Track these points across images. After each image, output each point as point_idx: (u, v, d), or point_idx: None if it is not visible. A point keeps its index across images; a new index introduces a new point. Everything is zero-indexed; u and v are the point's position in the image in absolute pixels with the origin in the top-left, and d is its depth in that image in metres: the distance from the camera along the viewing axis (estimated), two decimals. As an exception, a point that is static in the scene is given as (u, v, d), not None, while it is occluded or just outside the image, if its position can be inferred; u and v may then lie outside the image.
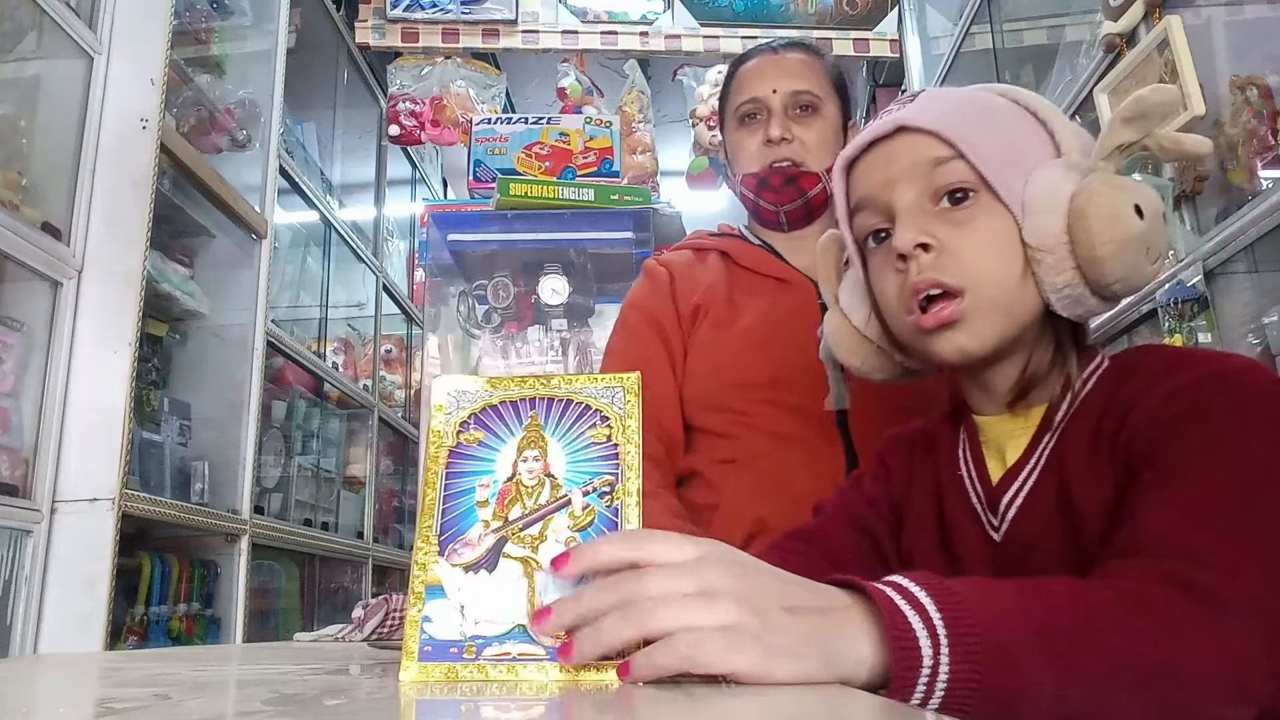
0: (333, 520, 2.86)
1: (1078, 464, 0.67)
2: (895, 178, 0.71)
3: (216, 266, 2.28)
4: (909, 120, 0.70)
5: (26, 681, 0.59)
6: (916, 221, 0.69)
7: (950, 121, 0.69)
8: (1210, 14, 1.69)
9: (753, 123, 1.20)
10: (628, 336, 1.21)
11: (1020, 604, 0.51)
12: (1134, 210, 0.65)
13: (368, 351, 3.37)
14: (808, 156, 1.17)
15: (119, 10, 1.86)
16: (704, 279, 1.21)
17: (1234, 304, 1.55)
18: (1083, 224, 0.65)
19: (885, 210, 0.71)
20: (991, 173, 0.68)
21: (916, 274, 0.68)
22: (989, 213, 0.68)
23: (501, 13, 2.96)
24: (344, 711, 0.38)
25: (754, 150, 1.19)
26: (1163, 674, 0.50)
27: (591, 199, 2.20)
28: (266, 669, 0.61)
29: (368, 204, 3.44)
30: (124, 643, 1.81)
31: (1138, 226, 0.64)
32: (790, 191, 1.18)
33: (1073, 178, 0.67)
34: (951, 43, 2.75)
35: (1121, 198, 0.65)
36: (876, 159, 0.73)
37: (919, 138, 0.70)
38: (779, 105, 1.18)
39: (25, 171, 1.73)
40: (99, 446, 1.67)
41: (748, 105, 1.20)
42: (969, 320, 0.67)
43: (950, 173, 0.68)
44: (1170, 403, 0.63)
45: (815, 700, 0.42)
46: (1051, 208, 0.66)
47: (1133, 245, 0.65)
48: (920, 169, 0.69)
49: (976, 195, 0.68)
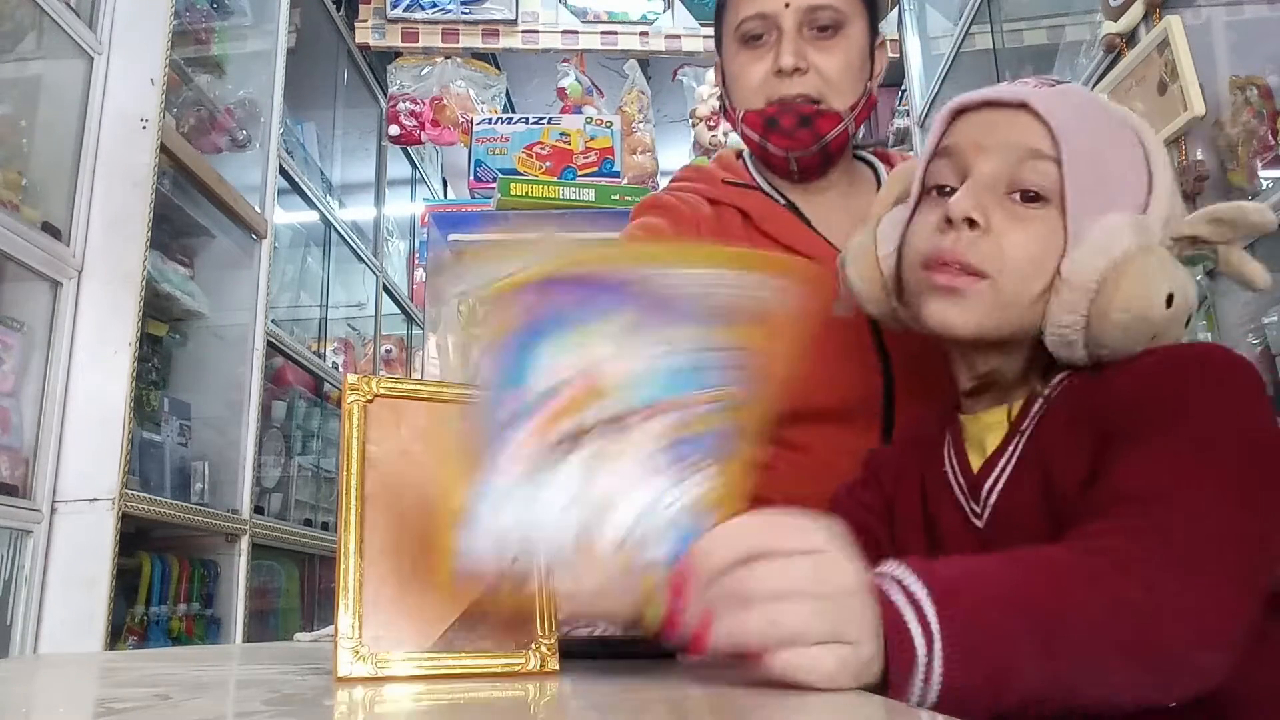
0: (333, 520, 2.86)
1: (1055, 442, 0.68)
2: (988, 146, 0.70)
3: (216, 266, 2.28)
4: (1035, 102, 0.69)
5: (26, 681, 0.58)
6: (980, 196, 0.68)
7: (1072, 126, 0.68)
8: (1210, 14, 1.69)
9: (758, 45, 0.97)
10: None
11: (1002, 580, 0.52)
12: (1165, 298, 0.65)
13: (368, 351, 3.37)
14: (827, 90, 0.95)
15: (119, 10, 1.86)
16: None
17: (1234, 304, 1.55)
18: (1116, 280, 0.65)
19: (962, 170, 0.71)
20: (1075, 194, 0.67)
21: (953, 243, 0.68)
22: (1048, 224, 0.68)
23: (501, 13, 2.96)
24: (344, 712, 0.38)
25: (759, 80, 0.97)
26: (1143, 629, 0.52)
27: (592, 199, 2.20)
28: (266, 669, 0.61)
29: (368, 204, 3.43)
30: (124, 643, 1.81)
31: (1159, 314, 0.65)
32: (804, 135, 0.96)
33: (1136, 239, 0.67)
34: (951, 43, 2.75)
35: (1162, 281, 0.65)
36: (982, 120, 0.72)
37: (1032, 122, 0.69)
38: (792, 24, 0.95)
39: (25, 171, 1.73)
40: (99, 446, 1.67)
41: (752, 23, 0.96)
42: (974, 302, 0.68)
43: (1039, 172, 0.68)
44: (1144, 377, 0.64)
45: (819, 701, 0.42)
46: (1103, 251, 0.66)
47: (1143, 325, 0.65)
48: (1014, 152, 0.69)
49: (1047, 205, 0.68)
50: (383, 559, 0.53)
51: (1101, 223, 0.67)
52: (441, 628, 0.53)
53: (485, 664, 0.53)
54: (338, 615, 0.50)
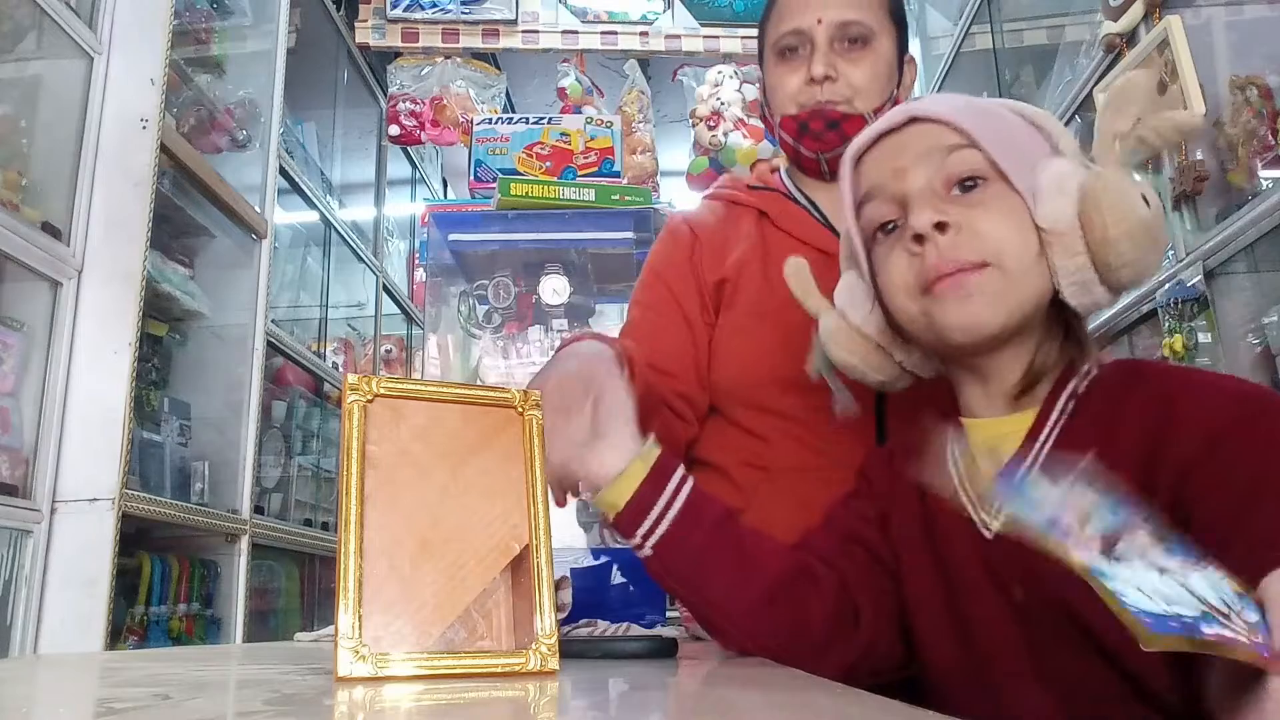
0: (333, 520, 2.86)
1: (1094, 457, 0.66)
2: (907, 165, 0.71)
3: (216, 266, 2.28)
4: (921, 111, 0.71)
5: (26, 681, 0.58)
6: (931, 204, 0.69)
7: (960, 114, 0.71)
8: (1210, 14, 1.69)
9: (793, 57, 1.07)
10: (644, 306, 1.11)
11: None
12: (1142, 198, 0.66)
13: (368, 351, 3.37)
14: (855, 97, 1.04)
15: (119, 10, 1.86)
16: (733, 248, 1.10)
17: (1234, 304, 1.55)
18: (1095, 207, 0.66)
19: (896, 199, 0.72)
20: (1004, 160, 0.69)
21: (935, 256, 0.68)
22: (1001, 197, 0.69)
23: (501, 13, 2.96)
24: (344, 712, 0.38)
25: (794, 89, 1.06)
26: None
27: (592, 199, 2.20)
28: (266, 669, 0.61)
29: (368, 204, 3.44)
30: (124, 643, 1.81)
31: (1146, 212, 0.66)
32: (832, 137, 1.05)
33: (1080, 170, 0.69)
34: (951, 43, 2.75)
35: (1128, 185, 0.66)
36: (887, 149, 0.73)
37: (931, 127, 0.71)
38: (824, 38, 1.04)
39: (25, 171, 1.73)
40: (99, 446, 1.67)
41: (789, 38, 1.06)
42: (989, 290, 0.68)
43: (963, 160, 0.70)
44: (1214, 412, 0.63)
45: (820, 701, 0.42)
46: (1063, 190, 0.67)
47: (1143, 230, 0.66)
48: (934, 156, 0.70)
49: (987, 183, 0.69)
50: (383, 559, 0.53)
51: (1044, 172, 0.69)
52: (441, 627, 0.53)
53: (485, 664, 0.53)
54: (338, 615, 0.50)
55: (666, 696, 0.43)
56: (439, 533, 0.55)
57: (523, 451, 0.59)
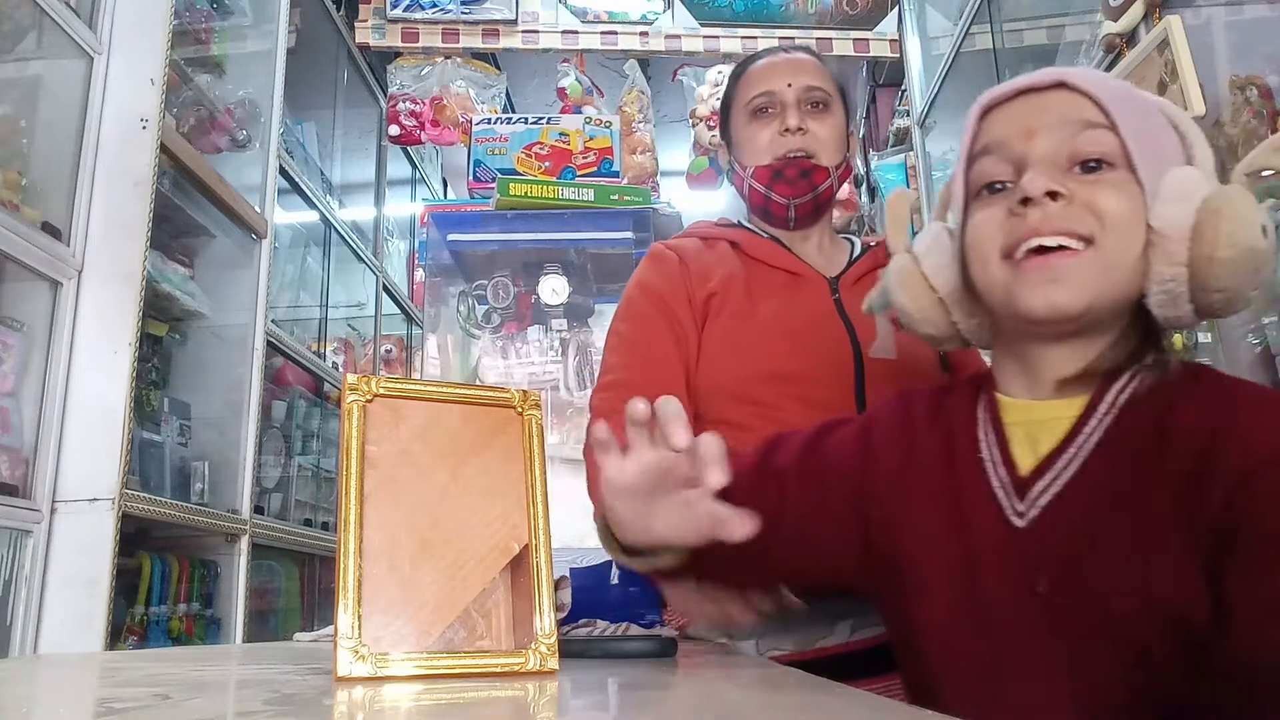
0: (333, 520, 2.86)
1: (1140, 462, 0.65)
2: (1038, 127, 0.69)
3: (216, 266, 2.28)
4: (1070, 77, 0.69)
5: (26, 681, 0.58)
6: (1049, 172, 0.67)
7: (1107, 93, 0.68)
8: (1210, 14, 1.69)
9: (765, 116, 1.18)
10: (633, 320, 1.16)
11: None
12: (1262, 228, 0.64)
13: (368, 351, 3.37)
14: (820, 150, 1.16)
15: (119, 10, 1.86)
16: (717, 268, 1.17)
17: (1234, 304, 1.55)
18: (1213, 221, 0.64)
19: (1015, 160, 0.70)
20: (1137, 151, 0.67)
21: (1039, 218, 0.66)
22: (1122, 185, 0.67)
23: (501, 13, 2.96)
24: (344, 712, 0.38)
25: (767, 141, 1.17)
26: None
27: (591, 199, 2.20)
28: (266, 669, 0.61)
29: (368, 204, 3.43)
30: (124, 643, 1.81)
31: (1262, 242, 0.64)
32: (804, 185, 1.15)
33: (1207, 183, 0.67)
34: (951, 43, 2.75)
35: (1255, 212, 0.64)
36: (1023, 107, 0.71)
37: (1076, 97, 0.69)
38: (793, 99, 1.17)
39: (25, 171, 1.73)
40: (99, 446, 1.67)
41: (761, 99, 1.18)
42: (1078, 273, 0.66)
43: (1097, 140, 0.67)
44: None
45: (820, 702, 0.42)
46: (1185, 197, 0.65)
47: (1251, 258, 0.64)
48: (1068, 127, 0.68)
49: (1113, 170, 0.67)
50: (383, 559, 0.53)
51: (1172, 174, 0.67)
52: (441, 627, 0.53)
53: (485, 664, 0.53)
54: (337, 615, 0.50)
55: (666, 696, 0.43)
56: (439, 533, 0.55)
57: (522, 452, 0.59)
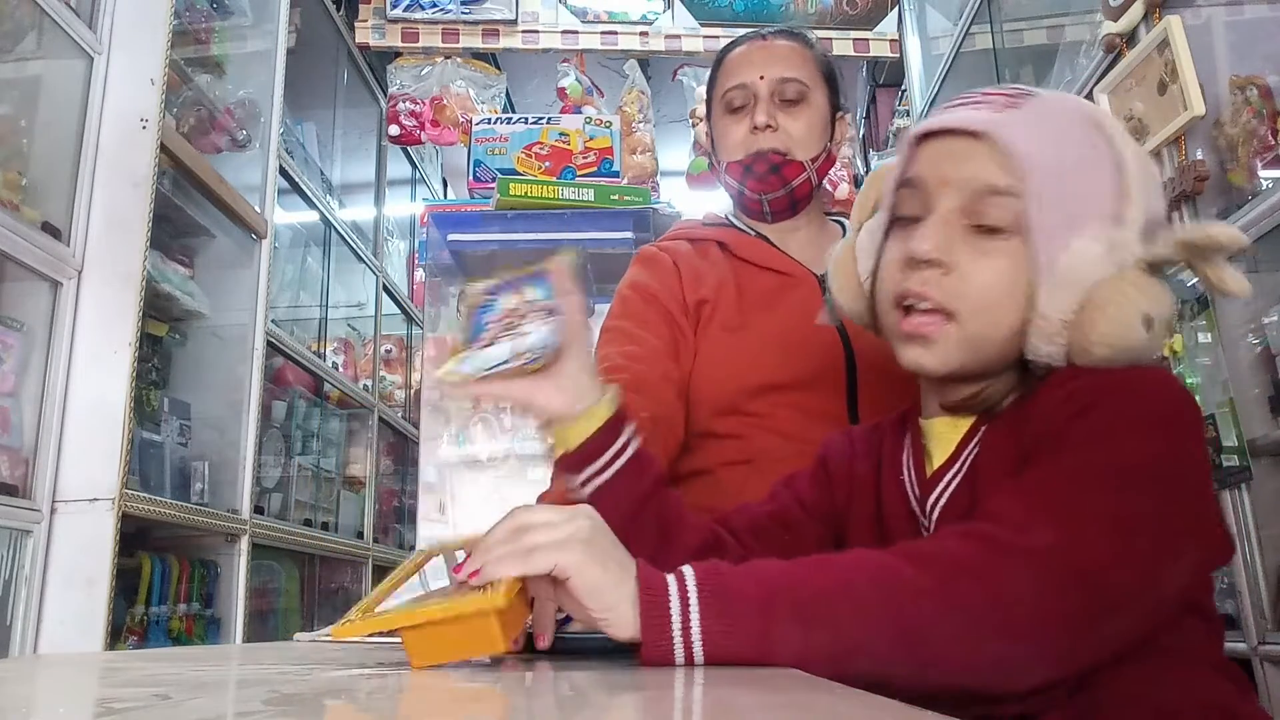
0: (333, 520, 2.86)
1: (991, 466, 0.69)
2: (951, 180, 0.69)
3: (216, 266, 2.27)
4: (1001, 134, 0.68)
5: (26, 681, 0.59)
6: (941, 233, 0.68)
7: (1035, 152, 0.67)
8: (1210, 14, 1.69)
9: (739, 112, 1.18)
10: (629, 318, 1.15)
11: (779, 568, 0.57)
12: (1144, 322, 0.64)
13: (368, 351, 3.37)
14: (793, 146, 1.15)
15: (119, 10, 1.86)
16: (709, 273, 1.17)
17: (1234, 304, 1.55)
18: (1092, 319, 0.65)
19: (925, 202, 0.71)
20: (1042, 231, 0.66)
21: (919, 284, 0.69)
22: (1014, 258, 0.67)
23: (501, 13, 2.96)
24: (344, 712, 0.38)
25: (739, 138, 1.17)
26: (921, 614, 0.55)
27: (591, 199, 2.20)
28: (266, 669, 0.61)
29: (368, 204, 3.44)
30: (124, 643, 1.81)
31: (1140, 340, 0.65)
32: (774, 180, 1.16)
33: (1109, 263, 0.66)
34: (951, 43, 2.75)
35: (1138, 306, 0.64)
36: (945, 150, 0.71)
37: (995, 155, 0.68)
38: (765, 92, 1.16)
39: (25, 171, 1.73)
40: (99, 446, 1.67)
41: (734, 92, 1.18)
42: (942, 344, 0.69)
43: (1002, 209, 0.67)
44: (1063, 404, 0.65)
45: (820, 702, 0.42)
46: (1074, 284, 0.66)
47: (1128, 353, 0.65)
48: (977, 189, 0.68)
49: (1008, 238, 0.67)
50: None
51: (1072, 249, 0.66)
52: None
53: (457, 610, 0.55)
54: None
55: (662, 696, 0.43)
56: None
57: None
